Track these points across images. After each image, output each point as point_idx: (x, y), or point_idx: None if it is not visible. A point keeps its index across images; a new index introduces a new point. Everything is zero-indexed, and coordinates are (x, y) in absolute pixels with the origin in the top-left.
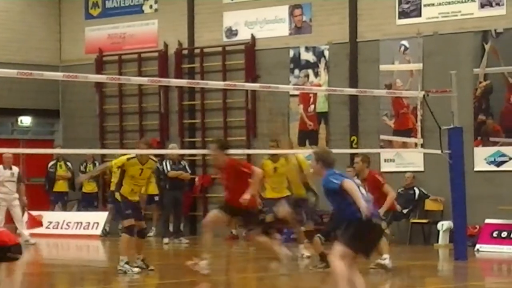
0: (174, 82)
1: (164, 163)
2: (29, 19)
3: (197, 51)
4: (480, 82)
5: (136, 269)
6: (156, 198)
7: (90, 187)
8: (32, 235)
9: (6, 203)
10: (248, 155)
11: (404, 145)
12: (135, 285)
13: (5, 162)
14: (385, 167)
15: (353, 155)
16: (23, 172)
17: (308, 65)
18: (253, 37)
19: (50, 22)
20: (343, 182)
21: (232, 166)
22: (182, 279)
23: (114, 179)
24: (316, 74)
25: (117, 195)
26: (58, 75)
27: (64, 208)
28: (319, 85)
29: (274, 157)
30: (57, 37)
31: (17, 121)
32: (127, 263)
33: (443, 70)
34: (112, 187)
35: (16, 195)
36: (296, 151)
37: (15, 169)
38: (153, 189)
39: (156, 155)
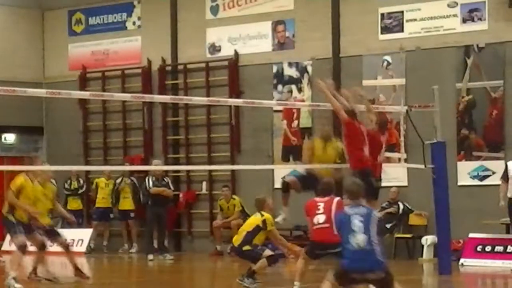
0: (158, 98)
1: (147, 179)
2: (13, 36)
3: (180, 67)
4: (463, 97)
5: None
6: (132, 214)
7: (75, 204)
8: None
9: None
10: (232, 171)
11: (388, 160)
12: None
13: None
14: None
15: None
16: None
17: (291, 80)
18: (236, 53)
19: (33, 39)
20: None
21: None
22: None
23: None
24: (300, 90)
25: None
26: (41, 92)
27: None
28: (303, 101)
29: None
30: (41, 54)
31: (0, 138)
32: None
33: (426, 85)
34: None
35: None
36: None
37: None
38: (129, 204)
39: (140, 171)
